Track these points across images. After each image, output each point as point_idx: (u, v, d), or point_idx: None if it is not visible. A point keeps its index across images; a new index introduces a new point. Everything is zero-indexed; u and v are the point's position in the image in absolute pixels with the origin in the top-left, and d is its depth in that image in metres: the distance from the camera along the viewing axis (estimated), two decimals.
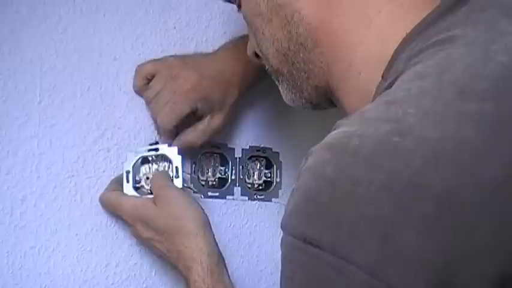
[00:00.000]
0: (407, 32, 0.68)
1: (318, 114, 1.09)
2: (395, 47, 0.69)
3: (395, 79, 0.64)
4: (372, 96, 0.69)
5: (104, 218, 0.96)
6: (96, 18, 0.97)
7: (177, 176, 0.93)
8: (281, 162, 1.09)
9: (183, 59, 1.00)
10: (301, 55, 0.78)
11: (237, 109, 1.05)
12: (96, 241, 0.95)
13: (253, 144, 1.08)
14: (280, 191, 1.09)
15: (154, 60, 1.00)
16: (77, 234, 0.94)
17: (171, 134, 0.99)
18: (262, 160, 1.08)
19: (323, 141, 0.61)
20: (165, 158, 0.95)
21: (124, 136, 0.98)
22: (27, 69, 0.93)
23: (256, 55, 0.86)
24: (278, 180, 1.08)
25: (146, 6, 1.01)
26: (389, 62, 0.69)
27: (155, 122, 0.99)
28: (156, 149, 0.95)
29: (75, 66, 0.96)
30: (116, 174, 0.97)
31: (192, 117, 0.98)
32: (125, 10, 0.99)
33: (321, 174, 0.58)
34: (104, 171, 0.96)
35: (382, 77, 0.69)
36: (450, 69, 0.60)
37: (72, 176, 0.94)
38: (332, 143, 0.60)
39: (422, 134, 0.56)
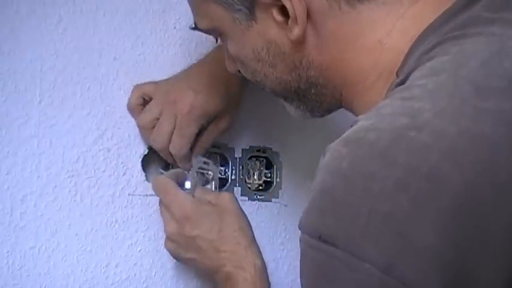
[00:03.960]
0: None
1: None
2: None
3: (408, 76, 0.64)
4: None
5: (104, 218, 0.96)
6: (96, 18, 0.97)
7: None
8: (281, 162, 1.09)
9: (177, 79, 0.97)
10: (313, 91, 0.77)
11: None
12: (96, 241, 0.95)
13: (253, 144, 1.08)
14: (280, 191, 1.08)
15: (152, 82, 0.98)
16: (77, 234, 0.94)
17: (188, 159, 0.98)
18: (262, 160, 1.08)
19: (340, 137, 0.60)
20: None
21: (124, 136, 0.98)
22: (27, 69, 0.93)
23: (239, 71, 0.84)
24: (278, 180, 1.08)
25: (146, 6, 1.01)
26: (403, 59, 0.68)
27: (157, 147, 0.96)
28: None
29: (75, 66, 0.96)
30: (115, 174, 0.97)
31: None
32: (125, 10, 0.99)
33: (337, 169, 0.57)
34: (104, 171, 0.96)
35: (397, 74, 0.68)
36: (465, 64, 0.60)
37: (72, 176, 0.94)
38: (348, 138, 0.59)
39: (439, 129, 0.55)
